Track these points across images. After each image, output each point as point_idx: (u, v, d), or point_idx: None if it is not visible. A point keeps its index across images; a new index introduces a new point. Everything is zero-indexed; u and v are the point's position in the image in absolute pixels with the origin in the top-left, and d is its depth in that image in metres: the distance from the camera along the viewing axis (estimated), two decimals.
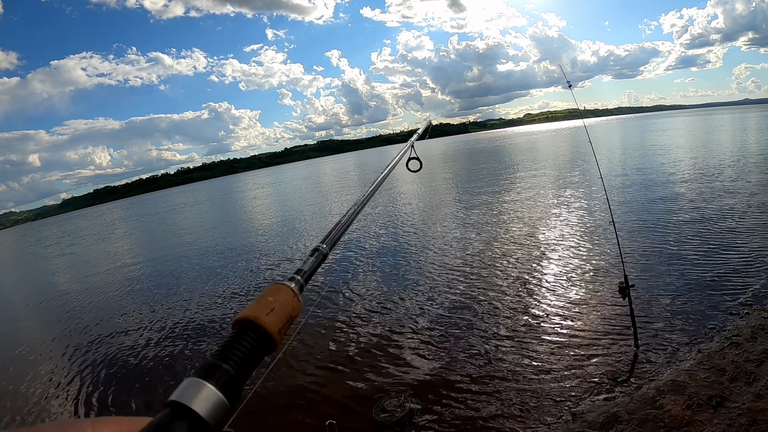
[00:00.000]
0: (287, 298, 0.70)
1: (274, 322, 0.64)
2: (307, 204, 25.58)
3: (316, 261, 0.87)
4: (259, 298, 0.68)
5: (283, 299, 0.69)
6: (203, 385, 0.46)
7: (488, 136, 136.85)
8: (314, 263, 0.86)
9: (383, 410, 4.36)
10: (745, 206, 10.02)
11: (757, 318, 4.98)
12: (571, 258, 8.12)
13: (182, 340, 7.30)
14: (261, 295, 0.69)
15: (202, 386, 0.46)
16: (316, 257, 0.88)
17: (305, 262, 0.85)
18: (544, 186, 17.33)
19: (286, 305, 0.69)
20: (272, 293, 0.70)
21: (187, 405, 0.43)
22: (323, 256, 0.91)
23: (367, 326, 6.53)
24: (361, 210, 1.16)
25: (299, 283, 0.76)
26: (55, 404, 5.91)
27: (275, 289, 0.71)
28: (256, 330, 0.60)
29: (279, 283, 0.73)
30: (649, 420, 3.57)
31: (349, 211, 1.10)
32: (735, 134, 33.38)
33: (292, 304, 0.70)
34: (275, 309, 0.66)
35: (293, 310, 0.70)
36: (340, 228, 1.04)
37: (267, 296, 0.69)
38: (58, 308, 11.26)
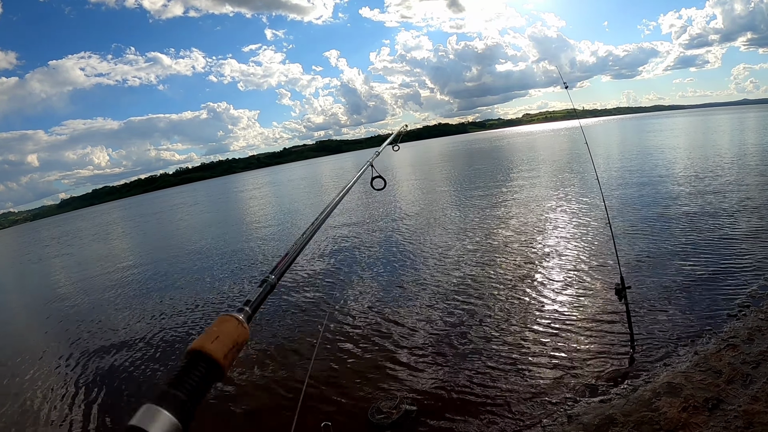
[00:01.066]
0: (232, 327, 0.77)
1: (219, 349, 0.70)
2: (300, 204, 25.55)
3: (263, 291, 0.93)
4: (207, 330, 0.75)
5: (228, 328, 0.76)
6: (159, 411, 0.52)
7: (487, 137, 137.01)
8: (262, 294, 0.92)
9: (379, 412, 4.35)
10: (743, 208, 10.02)
11: (754, 319, 4.96)
12: (567, 260, 8.11)
13: (171, 344, 7.28)
14: (208, 327, 0.76)
15: (158, 412, 0.51)
16: (263, 288, 0.94)
17: (253, 292, 0.91)
18: (540, 188, 17.33)
19: (231, 333, 0.75)
20: (218, 324, 0.77)
21: (145, 429, 0.48)
22: (271, 286, 0.97)
23: (363, 328, 6.51)
24: (310, 239, 1.21)
25: (246, 313, 0.84)
26: (45, 406, 5.88)
27: (221, 321, 0.78)
28: (203, 358, 0.67)
29: (225, 315, 0.80)
30: (645, 422, 3.56)
31: (297, 241, 1.16)
32: (733, 135, 33.42)
33: (237, 332, 0.77)
34: (219, 337, 0.72)
35: (239, 336, 0.76)
36: (288, 259, 1.09)
37: (213, 327, 0.76)
38: (54, 309, 11.23)
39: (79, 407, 5.69)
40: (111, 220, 48.46)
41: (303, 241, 1.17)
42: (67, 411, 5.65)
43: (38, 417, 5.64)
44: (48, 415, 5.63)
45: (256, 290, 0.92)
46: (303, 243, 1.16)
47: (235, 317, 0.79)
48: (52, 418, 5.53)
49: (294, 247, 1.12)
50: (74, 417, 5.48)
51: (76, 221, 62.36)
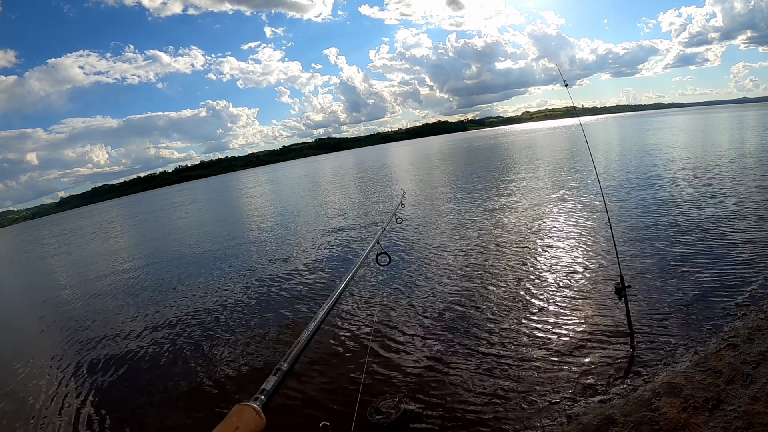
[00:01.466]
0: (250, 418, 0.80)
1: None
2: (300, 201, 25.53)
3: (277, 380, 0.97)
4: (226, 420, 0.77)
5: (247, 419, 0.79)
6: None
7: (486, 134, 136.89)
8: (276, 382, 0.96)
9: (378, 411, 4.33)
10: (743, 207, 10.01)
11: (754, 319, 4.95)
12: (567, 259, 8.10)
13: (171, 344, 7.27)
14: (227, 417, 0.78)
15: None
16: (277, 376, 0.98)
17: (268, 381, 0.95)
18: (540, 186, 17.30)
19: (249, 424, 0.79)
20: (237, 414, 0.80)
21: None
22: (284, 373, 1.01)
23: (361, 327, 6.50)
24: (322, 323, 1.23)
25: (262, 402, 0.88)
26: (44, 405, 5.87)
27: (239, 411, 0.82)
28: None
29: (243, 404, 0.84)
30: (645, 422, 3.55)
31: (309, 327, 1.19)
32: (733, 133, 33.41)
33: (254, 422, 0.80)
34: (239, 428, 0.76)
35: (256, 427, 0.80)
36: (299, 346, 1.12)
37: (232, 417, 0.79)
38: (52, 307, 11.22)
39: (76, 407, 5.68)
40: (110, 218, 48.44)
41: (313, 329, 1.21)
42: (63, 410, 5.64)
43: (34, 415, 5.63)
44: (45, 414, 5.61)
45: (270, 378, 0.95)
46: (314, 330, 1.21)
47: (251, 407, 0.82)
48: (49, 417, 5.52)
49: (306, 334, 1.16)
50: (71, 417, 5.47)
51: (75, 219, 62.35)
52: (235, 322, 7.56)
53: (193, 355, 6.60)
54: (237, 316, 7.87)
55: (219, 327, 7.49)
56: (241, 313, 7.95)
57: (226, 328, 7.37)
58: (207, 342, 6.96)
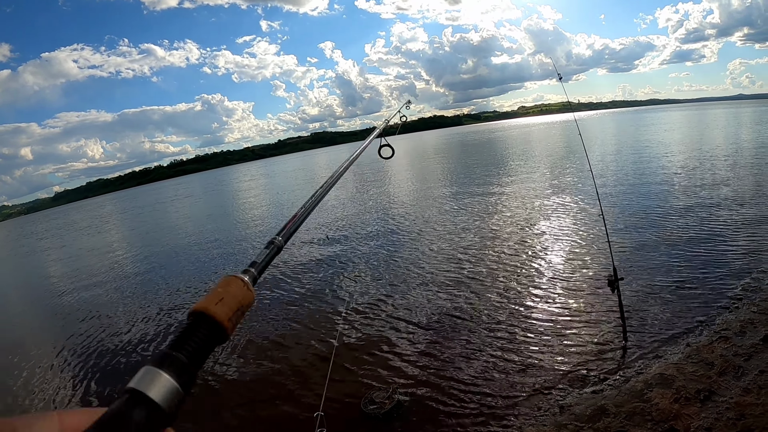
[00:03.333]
0: (237, 289, 0.72)
1: (223, 311, 0.66)
2: (293, 192, 25.47)
3: (270, 253, 0.88)
4: (211, 290, 0.69)
5: (233, 290, 0.72)
6: (158, 374, 0.49)
7: (482, 129, 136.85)
8: (268, 255, 0.87)
9: (372, 402, 4.34)
10: (736, 202, 10.05)
11: (747, 312, 4.98)
12: (560, 251, 8.11)
13: (159, 326, 7.25)
14: (213, 288, 0.70)
15: (158, 374, 0.49)
16: (270, 250, 0.89)
17: (260, 254, 0.86)
18: (534, 180, 17.32)
19: (236, 295, 0.71)
20: (223, 285, 0.72)
21: (143, 392, 0.46)
22: (278, 248, 0.92)
23: (357, 319, 6.50)
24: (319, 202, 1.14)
25: (252, 275, 0.79)
26: (38, 391, 5.85)
27: (226, 282, 0.73)
28: (205, 320, 0.63)
29: (230, 276, 0.75)
30: (637, 413, 3.57)
31: (305, 204, 1.09)
32: (728, 129, 33.54)
33: (242, 294, 0.72)
34: (224, 299, 0.68)
35: (244, 299, 0.72)
36: (296, 221, 1.03)
37: (218, 288, 0.71)
38: (50, 301, 11.18)
39: (74, 390, 5.67)
40: (106, 212, 48.20)
41: (312, 203, 1.13)
42: (61, 395, 5.62)
43: (33, 402, 5.62)
44: (41, 399, 5.60)
45: (263, 252, 0.88)
46: (312, 206, 1.12)
47: (240, 278, 0.75)
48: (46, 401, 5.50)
49: (302, 209, 1.08)
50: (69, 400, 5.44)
51: (71, 214, 61.98)
52: None
53: None
54: None
55: None
56: None
57: None
58: None
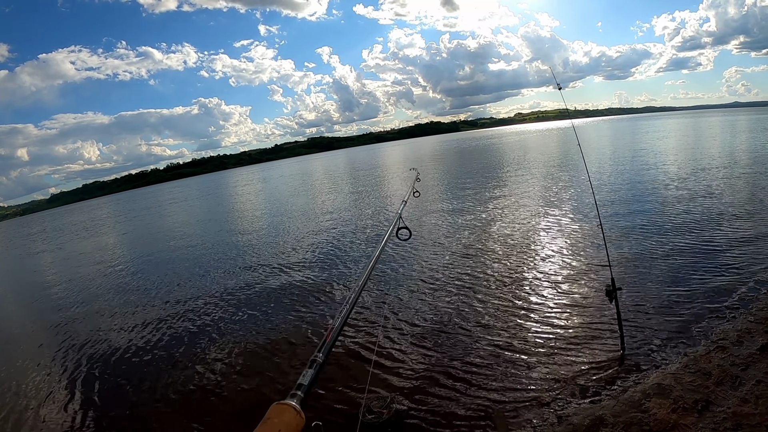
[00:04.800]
0: (291, 418, 0.74)
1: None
2: (292, 201, 25.45)
3: (314, 372, 0.91)
4: (265, 421, 0.72)
5: (288, 420, 0.73)
6: None
7: (479, 135, 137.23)
8: (313, 375, 0.90)
9: (369, 411, 4.32)
10: (734, 211, 10.11)
11: (743, 322, 5.00)
12: (558, 261, 8.13)
13: (165, 337, 7.21)
14: (267, 417, 0.72)
15: None
16: (314, 369, 0.92)
17: (304, 375, 0.89)
18: (531, 188, 17.37)
19: (291, 424, 0.73)
20: (277, 415, 0.74)
21: None
22: (320, 365, 0.94)
23: (353, 326, 6.48)
24: (353, 309, 1.17)
25: (299, 398, 0.81)
26: (38, 403, 5.80)
27: (279, 411, 0.75)
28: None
29: (281, 404, 0.77)
30: (635, 423, 3.57)
31: (341, 313, 1.13)
32: (725, 137, 33.77)
33: (296, 422, 0.74)
34: (281, 430, 0.71)
35: (297, 426, 0.74)
36: (333, 333, 1.07)
37: (273, 419, 0.72)
38: (46, 305, 11.10)
39: (71, 404, 5.62)
40: (101, 215, 47.96)
41: (346, 313, 1.15)
42: (59, 408, 5.58)
43: (26, 413, 5.56)
44: (36, 412, 5.55)
45: (307, 372, 0.90)
46: (345, 315, 1.14)
47: (292, 406, 0.77)
48: (42, 415, 5.46)
49: (339, 321, 1.11)
50: (65, 415, 5.41)
51: (66, 216, 61.65)
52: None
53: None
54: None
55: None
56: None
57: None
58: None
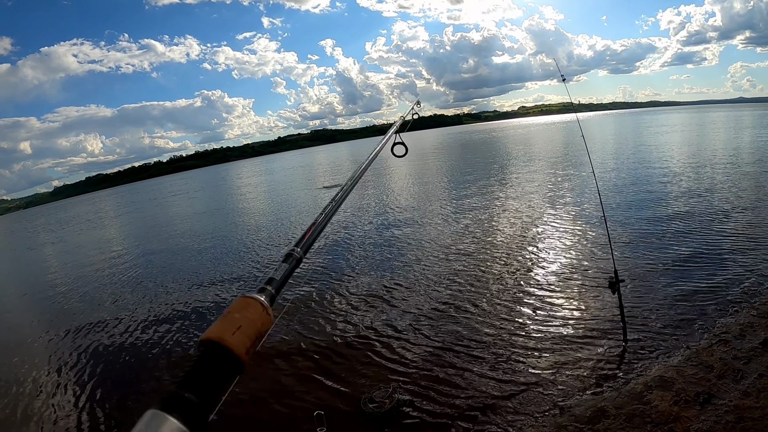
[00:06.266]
0: (256, 314, 0.64)
1: (242, 341, 0.58)
2: (297, 190, 25.46)
3: (289, 267, 0.80)
4: (226, 315, 0.62)
5: (252, 315, 0.63)
6: (165, 419, 0.44)
7: (482, 128, 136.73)
8: (287, 270, 0.79)
9: (371, 401, 4.35)
10: (737, 205, 10.07)
11: (746, 316, 5.00)
12: (560, 253, 8.13)
13: (170, 329, 7.25)
14: (228, 311, 0.63)
15: (164, 419, 0.44)
16: (289, 263, 0.81)
17: (277, 269, 0.78)
18: (535, 180, 17.32)
19: (255, 321, 0.63)
20: (239, 309, 0.64)
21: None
22: (297, 260, 0.84)
23: (356, 316, 6.50)
24: (339, 206, 1.04)
25: (270, 294, 0.71)
26: (44, 398, 5.85)
27: (243, 304, 0.65)
28: (221, 352, 0.56)
29: (247, 297, 0.67)
30: (636, 415, 3.58)
31: (325, 209, 1.01)
32: (729, 133, 33.53)
33: (261, 320, 0.64)
34: (242, 327, 0.60)
35: (263, 325, 0.64)
36: (315, 229, 0.94)
37: (234, 312, 0.63)
38: (51, 297, 11.17)
39: (75, 401, 5.67)
40: (104, 207, 48.13)
41: (331, 210, 1.03)
42: (61, 406, 5.63)
43: (30, 410, 5.62)
44: (41, 409, 5.60)
45: (281, 266, 0.78)
46: (331, 212, 1.02)
47: (258, 300, 0.66)
48: (46, 413, 5.51)
49: (322, 216, 0.99)
50: (68, 412, 5.46)
51: (70, 209, 61.91)
52: None
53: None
54: None
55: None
56: None
57: None
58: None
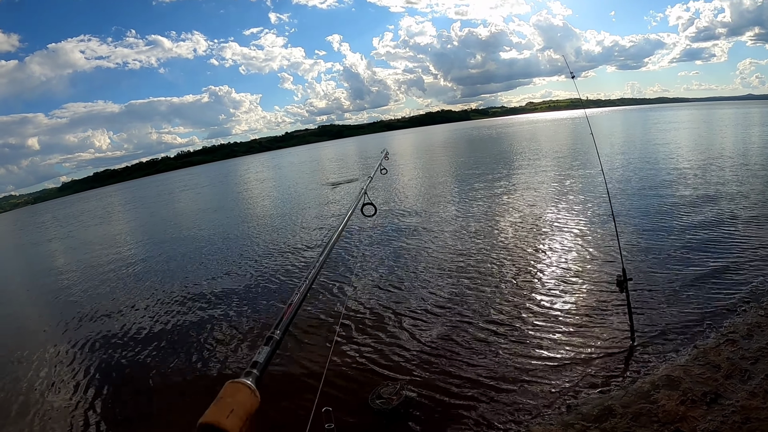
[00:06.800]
0: (245, 397, 0.72)
1: (235, 423, 0.66)
2: (309, 186, 25.50)
3: (270, 350, 0.89)
4: (219, 400, 0.69)
5: (242, 399, 0.71)
6: None
7: (490, 124, 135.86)
8: (269, 352, 0.88)
9: (379, 397, 4.39)
10: (746, 203, 10.00)
11: (754, 315, 4.99)
12: (569, 250, 8.12)
13: (173, 331, 7.33)
14: (220, 396, 0.70)
15: None
16: (270, 346, 0.90)
17: (260, 352, 0.86)
18: (544, 177, 17.24)
19: (245, 404, 0.71)
20: (230, 394, 0.72)
21: None
22: (277, 342, 0.92)
23: (364, 314, 6.55)
24: (312, 283, 1.12)
25: (255, 377, 0.79)
26: (49, 398, 5.94)
27: (233, 390, 0.73)
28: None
29: (236, 382, 0.75)
30: (643, 414, 3.60)
31: (300, 289, 1.07)
32: (738, 129, 33.16)
33: (250, 402, 0.72)
34: (234, 410, 0.68)
35: (251, 407, 0.72)
36: (292, 309, 1.02)
37: (226, 398, 0.70)
38: (58, 293, 11.30)
39: (79, 397, 5.75)
40: (112, 202, 48.47)
41: (305, 289, 1.12)
42: (66, 402, 5.72)
43: (33, 405, 5.71)
44: (42, 405, 5.69)
45: (263, 350, 0.88)
46: (305, 291, 1.11)
47: (247, 385, 0.75)
48: (47, 408, 5.60)
49: (297, 296, 1.07)
50: (73, 408, 5.55)
51: (78, 204, 62.39)
52: (224, 297, 7.65)
53: (181, 335, 6.69)
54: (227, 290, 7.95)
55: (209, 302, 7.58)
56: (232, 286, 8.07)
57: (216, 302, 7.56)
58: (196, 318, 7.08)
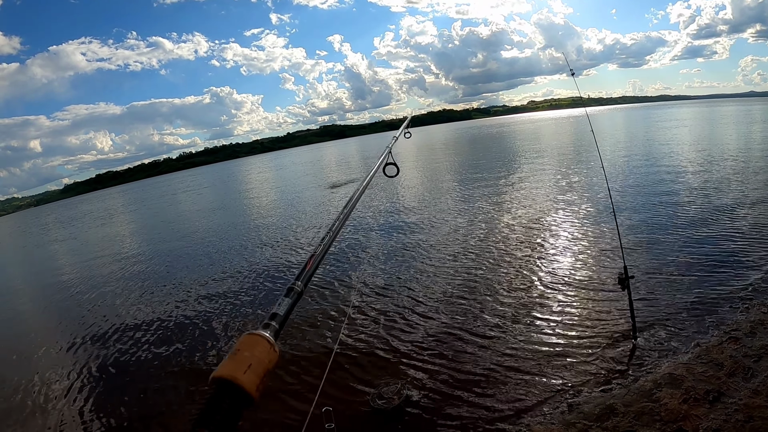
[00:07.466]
0: (263, 351, 0.67)
1: (252, 379, 0.61)
2: (312, 187, 25.51)
3: (291, 302, 0.83)
4: (235, 352, 0.65)
5: (260, 353, 0.66)
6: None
7: (492, 123, 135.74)
8: (290, 304, 0.82)
9: (380, 397, 4.38)
10: (749, 200, 9.94)
11: (757, 313, 4.95)
12: (570, 248, 8.10)
13: (178, 329, 7.33)
14: (237, 349, 0.65)
15: None
16: (291, 297, 0.84)
17: (279, 304, 0.81)
18: (544, 175, 17.21)
19: (263, 359, 0.66)
20: (248, 347, 0.66)
21: None
22: (298, 294, 0.86)
23: (364, 312, 6.53)
24: (336, 236, 1.06)
25: (274, 330, 0.74)
26: (44, 394, 5.95)
27: (251, 342, 0.68)
28: (234, 390, 0.59)
29: (254, 333, 0.69)
30: (645, 413, 3.57)
31: (323, 241, 1.04)
32: (740, 126, 33.06)
33: (268, 357, 0.67)
34: (252, 365, 0.63)
35: (270, 362, 0.67)
36: (314, 261, 0.97)
37: (243, 351, 0.65)
38: (62, 292, 11.32)
39: (81, 397, 5.76)
40: (115, 204, 48.58)
41: (328, 241, 1.06)
42: (66, 402, 5.72)
43: (37, 405, 5.72)
44: (46, 406, 5.70)
45: (283, 301, 0.81)
46: (328, 243, 1.05)
47: (265, 338, 0.69)
48: (52, 409, 5.60)
49: (320, 248, 1.01)
50: (73, 410, 5.55)
51: (80, 206, 62.60)
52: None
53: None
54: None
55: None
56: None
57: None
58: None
